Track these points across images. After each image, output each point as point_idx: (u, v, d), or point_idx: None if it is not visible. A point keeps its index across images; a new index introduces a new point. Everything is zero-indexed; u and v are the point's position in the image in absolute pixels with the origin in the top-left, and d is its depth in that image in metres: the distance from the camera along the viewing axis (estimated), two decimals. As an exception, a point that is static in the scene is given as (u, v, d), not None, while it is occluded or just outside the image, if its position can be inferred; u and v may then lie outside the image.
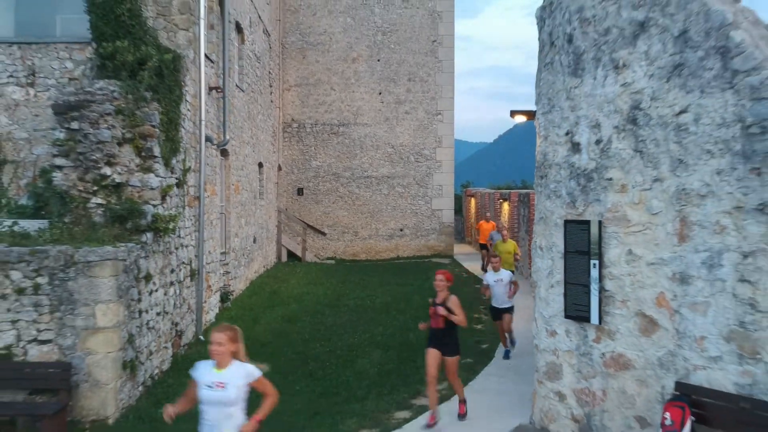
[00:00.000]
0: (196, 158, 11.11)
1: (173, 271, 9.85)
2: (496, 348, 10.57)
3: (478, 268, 19.64)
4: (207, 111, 11.66)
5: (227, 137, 13.16)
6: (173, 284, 9.86)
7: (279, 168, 22.77)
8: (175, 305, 9.97)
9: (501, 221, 20.92)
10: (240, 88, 15.22)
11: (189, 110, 10.75)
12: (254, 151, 17.40)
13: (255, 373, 4.53)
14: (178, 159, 10.02)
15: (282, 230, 22.44)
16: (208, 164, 11.95)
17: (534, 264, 7.01)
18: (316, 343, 10.99)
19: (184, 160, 10.39)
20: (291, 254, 22.48)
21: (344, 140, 23.55)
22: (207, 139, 11.60)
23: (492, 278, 9.89)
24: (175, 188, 9.83)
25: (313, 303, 14.52)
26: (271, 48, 20.69)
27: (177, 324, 10.04)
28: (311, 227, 23.26)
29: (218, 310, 12.94)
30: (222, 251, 13.65)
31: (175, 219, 9.44)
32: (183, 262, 10.40)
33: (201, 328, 11.15)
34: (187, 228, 10.65)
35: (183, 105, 10.32)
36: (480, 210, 25.96)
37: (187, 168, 10.55)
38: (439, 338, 7.16)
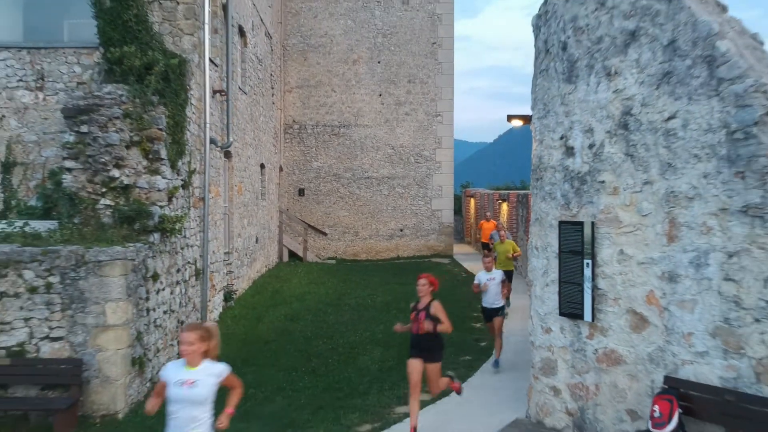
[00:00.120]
0: (201, 160, 11.35)
1: (179, 271, 10.10)
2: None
3: (478, 268, 19.85)
4: (211, 114, 11.91)
5: (231, 139, 13.40)
6: (179, 283, 10.10)
7: (280, 169, 23.01)
8: (181, 304, 10.22)
9: (501, 221, 21.13)
10: (243, 91, 15.47)
11: (194, 113, 10.99)
12: (256, 153, 17.64)
13: (225, 372, 4.51)
14: (184, 161, 10.27)
15: (283, 230, 22.68)
16: (212, 166, 12.19)
17: (530, 263, 7.26)
18: (319, 341, 11.23)
19: (190, 162, 10.63)
20: (292, 254, 22.71)
21: (345, 141, 23.79)
22: (211, 142, 11.85)
23: (484, 278, 9.68)
24: (181, 190, 10.07)
25: (315, 302, 14.76)
26: (273, 50, 20.93)
27: (183, 322, 10.28)
28: (312, 227, 23.50)
29: (222, 309, 13.18)
30: (225, 251, 13.89)
31: (182, 220, 9.68)
32: (188, 262, 10.64)
33: (206, 327, 11.38)
34: (192, 228, 10.89)
35: (188, 108, 10.56)
36: (479, 210, 26.20)
37: (193, 170, 10.79)
38: (424, 344, 6.81)
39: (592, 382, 6.37)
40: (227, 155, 13.98)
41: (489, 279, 9.60)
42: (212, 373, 4.43)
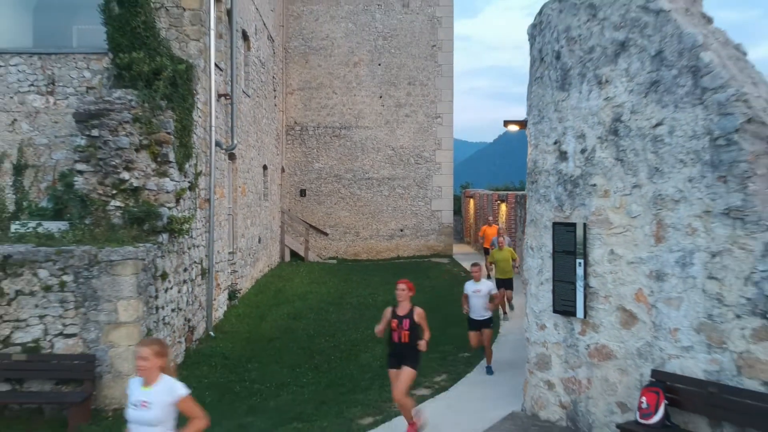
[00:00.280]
0: (207, 162, 11.65)
1: (186, 270, 10.40)
2: (493, 344, 11.08)
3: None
4: (216, 117, 12.20)
5: (235, 141, 13.70)
6: (186, 282, 10.40)
7: (282, 170, 23.32)
8: (188, 302, 10.51)
9: (502, 227, 21.21)
10: (246, 94, 15.76)
11: (200, 117, 11.29)
12: (259, 154, 17.94)
13: (180, 392, 4.18)
14: (191, 164, 10.57)
15: (285, 231, 22.99)
16: (217, 168, 12.49)
17: (525, 263, 7.56)
18: (321, 339, 11.53)
19: (196, 165, 10.93)
20: (294, 254, 23.02)
21: (346, 143, 24.09)
22: (216, 144, 12.15)
23: (471, 288, 9.32)
24: (188, 191, 10.37)
25: (317, 301, 15.06)
26: (275, 53, 21.23)
27: (189, 320, 10.58)
28: (314, 228, 23.81)
29: (226, 308, 13.48)
30: (230, 251, 14.19)
31: (189, 221, 9.98)
32: (195, 262, 10.95)
33: (211, 325, 11.70)
34: (198, 229, 11.19)
35: (195, 112, 10.86)
36: (478, 211, 26.49)
37: (199, 172, 11.09)
38: (404, 352, 6.69)
39: (585, 377, 6.67)
40: (231, 157, 14.28)
41: (474, 291, 9.29)
42: (167, 394, 4.15)
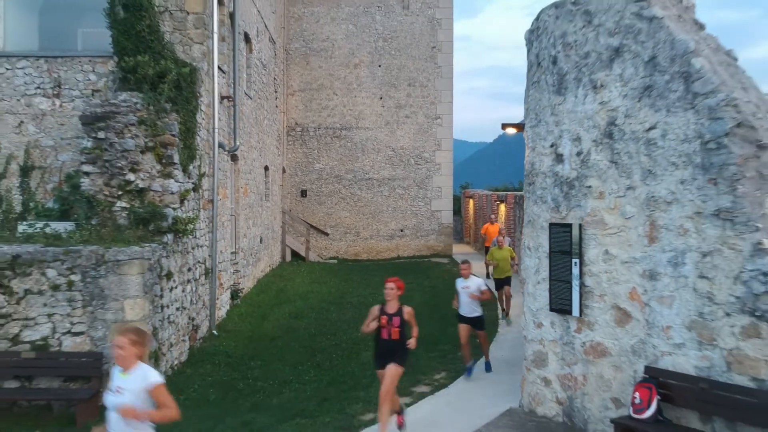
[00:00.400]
0: (210, 164, 11.83)
1: (190, 270, 10.57)
2: (491, 342, 11.27)
3: (477, 268, 20.30)
4: (219, 119, 12.38)
5: (237, 143, 13.88)
6: (190, 282, 10.58)
7: (283, 170, 23.49)
8: (192, 301, 10.69)
9: (503, 227, 21.31)
10: (248, 96, 15.94)
11: (203, 119, 11.47)
12: (261, 155, 18.12)
13: (152, 380, 4.20)
14: (195, 165, 10.74)
15: (286, 231, 23.17)
16: (220, 169, 12.67)
17: (522, 263, 7.74)
18: (323, 338, 11.71)
19: (200, 166, 11.11)
20: (295, 254, 23.20)
21: (346, 143, 24.27)
22: (219, 146, 12.33)
23: (460, 285, 9.25)
24: (192, 192, 10.55)
25: (318, 300, 15.24)
26: (276, 55, 21.40)
27: (193, 319, 10.76)
28: (314, 228, 23.99)
29: (229, 307, 13.66)
30: (232, 251, 14.37)
31: (194, 221, 10.17)
32: (198, 261, 11.12)
33: (214, 323, 11.88)
34: (202, 229, 11.37)
35: (198, 114, 11.04)
36: (478, 211, 26.67)
37: (202, 173, 11.27)
38: (392, 351, 6.66)
39: (580, 373, 6.85)
40: (234, 158, 14.45)
41: (464, 287, 9.20)
42: (141, 381, 4.18)
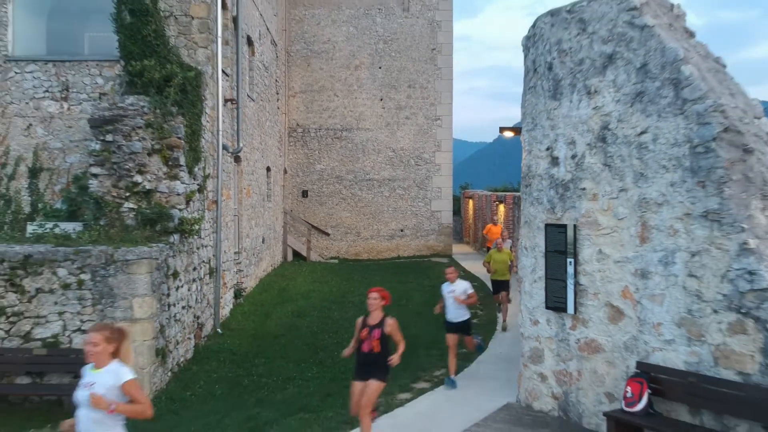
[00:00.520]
0: (214, 165, 12.07)
1: (195, 269, 10.81)
2: (490, 340, 11.53)
3: (476, 268, 20.54)
4: (223, 121, 12.61)
5: (240, 145, 14.12)
6: (195, 281, 10.82)
7: (285, 171, 23.73)
8: (197, 300, 10.93)
9: (505, 229, 21.23)
10: (251, 98, 16.18)
11: (208, 122, 11.71)
12: (263, 156, 18.36)
13: (124, 376, 4.14)
14: (200, 167, 10.98)
15: (288, 231, 23.41)
16: (224, 170, 12.90)
17: (520, 262, 7.98)
18: (325, 336, 11.95)
19: (204, 168, 11.35)
20: (296, 254, 23.44)
21: (347, 144, 24.51)
22: (223, 148, 12.57)
23: (446, 290, 8.91)
24: (197, 193, 10.79)
25: (320, 299, 15.48)
26: (278, 57, 21.64)
27: (198, 317, 11.00)
28: (315, 228, 24.23)
29: (232, 306, 13.90)
30: (235, 251, 14.61)
31: (199, 222, 10.41)
32: (203, 261, 11.36)
33: (218, 322, 12.12)
34: (206, 230, 11.60)
35: (203, 117, 11.28)
36: (477, 211, 26.90)
37: (207, 175, 11.51)
38: (371, 364, 6.39)
39: (575, 369, 7.09)
40: (237, 160, 14.69)
41: (449, 291, 8.87)
42: (113, 378, 4.13)
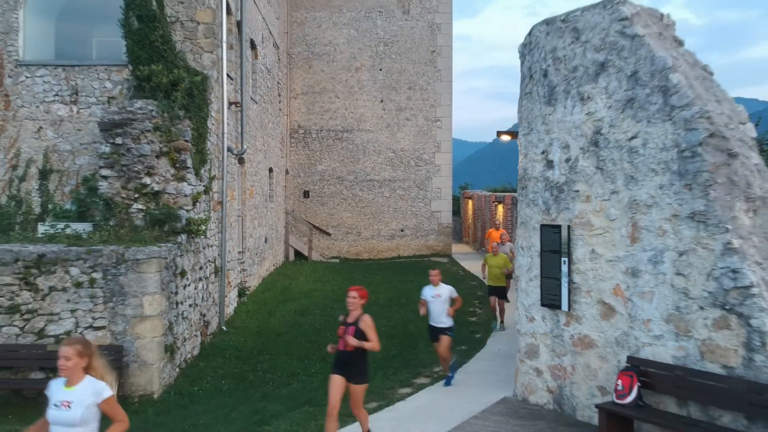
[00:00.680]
0: (219, 167, 12.37)
1: (201, 268, 11.11)
2: (488, 337, 11.82)
3: (476, 267, 20.82)
4: (227, 124, 12.91)
5: (244, 147, 14.41)
6: (201, 280, 11.11)
7: (286, 172, 24.03)
8: (203, 298, 11.23)
9: (504, 232, 21.24)
10: (254, 100, 16.47)
11: (213, 125, 12.00)
12: (265, 158, 18.65)
13: (104, 393, 4.06)
14: (206, 169, 11.28)
15: (289, 231, 23.71)
16: (229, 172, 13.20)
17: (516, 261, 8.28)
18: (327, 333, 12.22)
19: (210, 170, 11.64)
20: (298, 253, 23.74)
21: (348, 145, 24.81)
22: (228, 150, 12.86)
23: (429, 293, 8.68)
24: (204, 195, 11.08)
25: (322, 298, 15.77)
26: (280, 59, 21.94)
27: (204, 315, 11.30)
28: (317, 228, 24.53)
29: (237, 304, 14.20)
30: (239, 251, 14.90)
31: (206, 222, 10.70)
32: (209, 261, 11.66)
33: (223, 320, 12.42)
34: (212, 230, 11.90)
35: (209, 120, 11.57)
36: (477, 211, 27.20)
37: (212, 176, 11.81)
38: (347, 362, 6.40)
39: (569, 364, 7.38)
40: (240, 161, 14.98)
41: (434, 295, 8.69)
42: (89, 393, 4.04)
